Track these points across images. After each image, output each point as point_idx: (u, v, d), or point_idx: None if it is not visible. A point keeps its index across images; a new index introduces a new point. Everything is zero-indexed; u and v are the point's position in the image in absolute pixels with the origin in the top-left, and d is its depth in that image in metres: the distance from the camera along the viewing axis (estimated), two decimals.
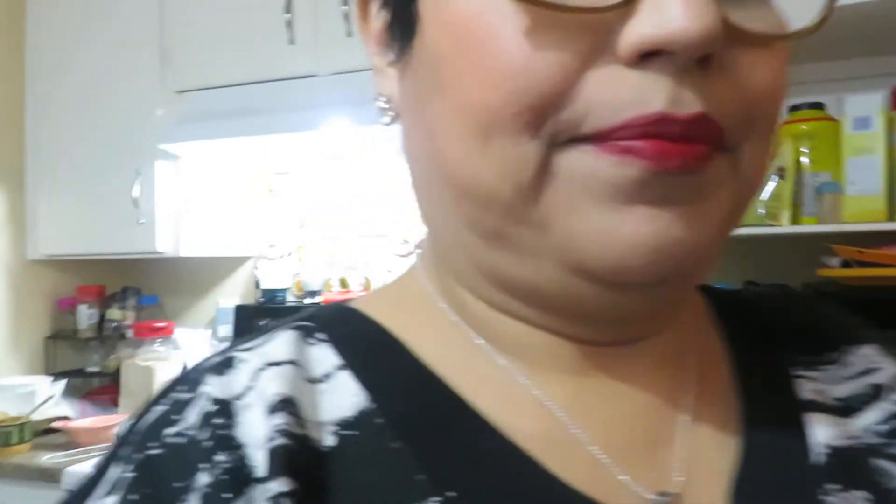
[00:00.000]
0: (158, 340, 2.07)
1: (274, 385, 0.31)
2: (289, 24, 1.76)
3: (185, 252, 1.99)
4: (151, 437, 0.31)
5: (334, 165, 2.16)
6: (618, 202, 0.28)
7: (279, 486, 0.28)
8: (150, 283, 2.39)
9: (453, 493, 0.29)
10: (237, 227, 2.22)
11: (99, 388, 2.23)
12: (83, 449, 1.73)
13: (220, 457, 0.29)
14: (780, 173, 1.45)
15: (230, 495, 0.28)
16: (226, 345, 0.37)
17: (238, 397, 0.31)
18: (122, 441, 0.32)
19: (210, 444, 0.30)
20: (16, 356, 2.12)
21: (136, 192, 1.94)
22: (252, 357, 0.33)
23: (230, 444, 0.30)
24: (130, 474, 0.30)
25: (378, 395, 0.32)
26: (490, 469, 0.31)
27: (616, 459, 0.32)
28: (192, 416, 0.31)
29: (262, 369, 0.33)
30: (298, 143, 1.97)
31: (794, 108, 1.46)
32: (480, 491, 0.30)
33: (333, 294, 2.10)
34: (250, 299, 2.28)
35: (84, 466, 1.59)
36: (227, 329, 2.20)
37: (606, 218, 0.28)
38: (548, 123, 0.27)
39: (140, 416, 0.33)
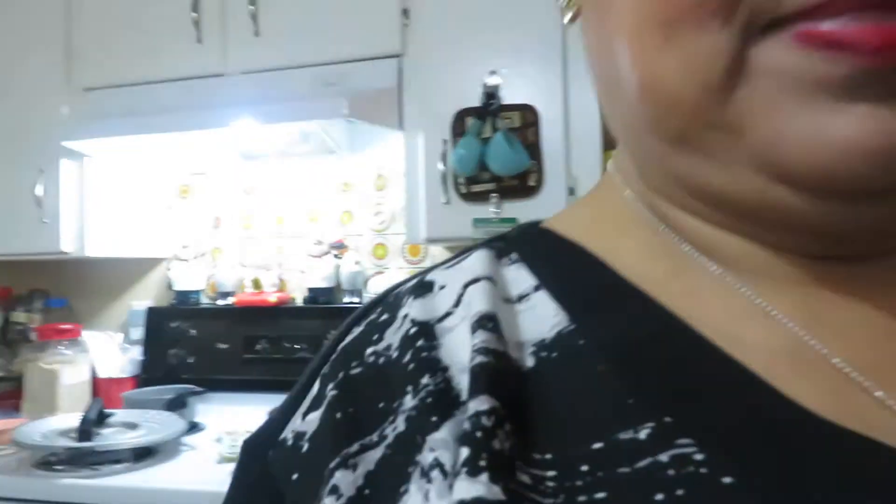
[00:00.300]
0: (65, 343, 2.02)
1: (476, 303, 0.30)
2: (196, 23, 1.76)
3: (90, 252, 1.95)
4: (353, 357, 0.31)
5: (248, 166, 2.15)
6: (829, 100, 0.24)
7: (480, 404, 0.26)
8: (58, 285, 2.33)
9: (670, 419, 0.26)
10: (149, 229, 2.19)
11: (6, 392, 2.16)
12: None
13: (424, 379, 0.28)
14: None
15: (436, 418, 0.27)
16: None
17: (440, 319, 0.30)
18: (324, 359, 0.32)
19: (413, 366, 0.29)
20: None
21: (39, 190, 1.90)
22: (449, 278, 0.32)
23: (434, 366, 0.29)
24: (333, 392, 0.30)
25: (578, 315, 0.30)
26: (710, 390, 0.27)
27: (867, 376, 0.27)
28: (393, 338, 0.30)
29: (461, 289, 0.31)
30: (209, 143, 1.96)
31: None
32: (700, 415, 0.26)
33: (246, 295, 2.09)
34: (164, 301, 2.25)
35: None
36: (139, 332, 2.17)
37: (815, 118, 0.24)
38: (741, 7, 0.24)
39: (339, 338, 0.33)
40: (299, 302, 2.11)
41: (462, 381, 0.28)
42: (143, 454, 1.61)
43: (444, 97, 1.67)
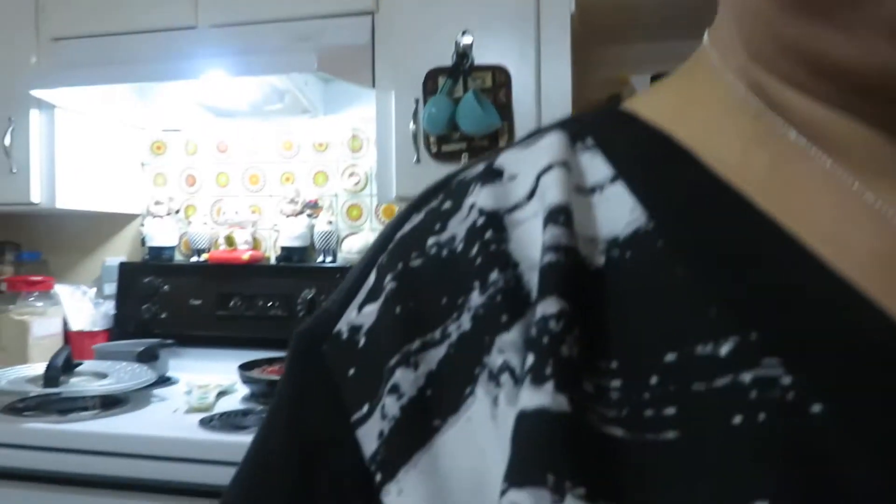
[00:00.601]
0: (35, 294, 2.03)
1: (550, 194, 0.27)
2: None
3: (61, 204, 1.95)
4: (413, 247, 0.28)
5: (222, 124, 2.15)
6: None
7: (549, 307, 0.25)
8: (32, 239, 2.32)
9: (756, 334, 0.23)
10: (122, 184, 2.19)
11: None
12: None
13: (493, 275, 0.26)
14: None
15: (506, 318, 0.25)
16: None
17: (510, 210, 0.28)
18: (380, 249, 0.30)
19: (480, 260, 0.26)
20: None
21: (7, 140, 1.89)
22: (521, 164, 0.29)
23: (504, 261, 0.26)
24: (391, 284, 0.28)
25: (659, 213, 0.26)
26: (804, 305, 0.24)
27: None
28: (458, 229, 0.28)
29: (535, 179, 0.28)
30: (180, 96, 1.96)
31: None
32: (791, 332, 0.23)
33: (220, 252, 2.10)
34: (137, 257, 2.25)
35: None
36: (112, 287, 2.17)
37: None
38: None
39: (396, 226, 0.30)
40: (273, 260, 2.13)
41: (533, 280, 0.26)
42: (112, 403, 1.63)
43: (416, 56, 1.67)
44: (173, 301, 2.09)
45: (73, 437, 1.46)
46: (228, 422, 1.50)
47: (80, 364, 1.74)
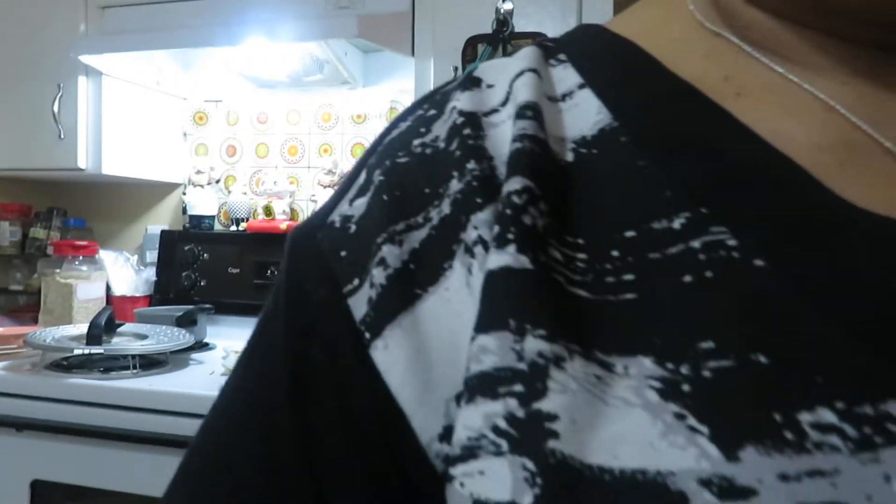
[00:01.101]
0: (80, 259, 2.08)
1: (521, 94, 0.30)
2: None
3: (107, 171, 1.99)
4: (399, 148, 0.31)
5: (263, 95, 2.17)
6: None
7: (514, 184, 0.27)
8: (78, 206, 2.39)
9: (706, 209, 0.26)
10: (165, 153, 2.22)
11: (25, 305, 2.24)
12: None
13: (470, 165, 0.29)
14: None
15: (480, 199, 0.28)
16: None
17: (487, 113, 0.30)
18: (370, 153, 0.33)
19: (459, 153, 0.29)
20: None
21: (56, 107, 1.93)
22: (497, 74, 0.32)
23: (480, 153, 0.29)
24: (380, 178, 0.30)
25: (623, 114, 0.29)
26: (751, 184, 0.26)
27: None
28: (440, 130, 0.31)
29: (508, 86, 0.31)
30: (221, 62, 1.98)
31: None
32: (738, 206, 0.26)
33: (258, 222, 2.13)
34: (178, 225, 2.29)
35: None
36: (153, 254, 2.22)
37: None
38: None
39: (385, 133, 0.33)
40: None
41: (503, 168, 0.28)
42: (152, 363, 1.66)
43: (455, 23, 1.66)
44: (212, 269, 2.13)
45: (115, 393, 1.50)
46: None
47: (122, 325, 1.78)
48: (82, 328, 1.72)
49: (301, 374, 0.29)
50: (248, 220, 2.16)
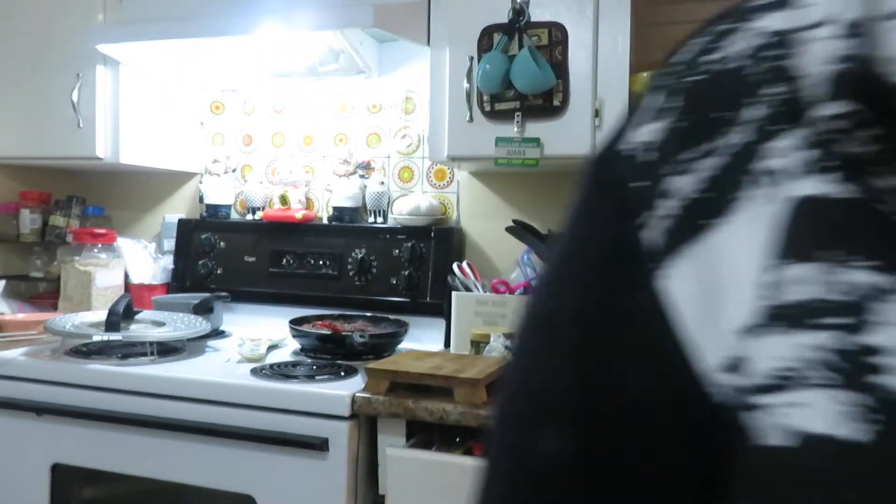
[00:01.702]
0: (98, 247, 2.11)
1: (845, 10, 0.27)
2: None
3: (124, 159, 2.01)
4: (693, 66, 0.30)
5: (279, 85, 2.18)
6: None
7: (839, 107, 0.25)
8: (97, 195, 2.42)
9: None
10: (182, 142, 2.24)
11: (44, 292, 2.27)
12: (12, 338, 1.78)
13: (774, 88, 0.27)
14: None
15: (785, 125, 0.26)
16: None
17: (798, 30, 0.28)
18: (660, 73, 0.32)
19: (762, 75, 0.28)
20: None
21: (75, 95, 1.95)
22: None
23: (786, 75, 0.27)
24: (670, 102, 0.30)
25: None
26: None
27: None
28: (739, 48, 0.29)
29: (828, 2, 0.28)
30: (238, 52, 1.99)
31: None
32: None
33: (274, 211, 2.14)
34: (195, 214, 2.31)
35: (9, 353, 1.64)
36: (171, 242, 2.24)
37: None
38: None
39: (679, 51, 0.32)
40: (325, 220, 2.16)
41: (818, 91, 0.26)
42: (169, 350, 1.69)
43: (471, 12, 1.65)
44: (228, 257, 2.15)
45: (132, 379, 1.52)
46: (278, 372, 1.53)
47: (139, 312, 1.81)
48: (101, 315, 1.74)
49: (591, 303, 0.30)
50: (263, 209, 2.18)
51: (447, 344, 1.78)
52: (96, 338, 1.66)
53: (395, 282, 1.96)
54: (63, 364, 1.59)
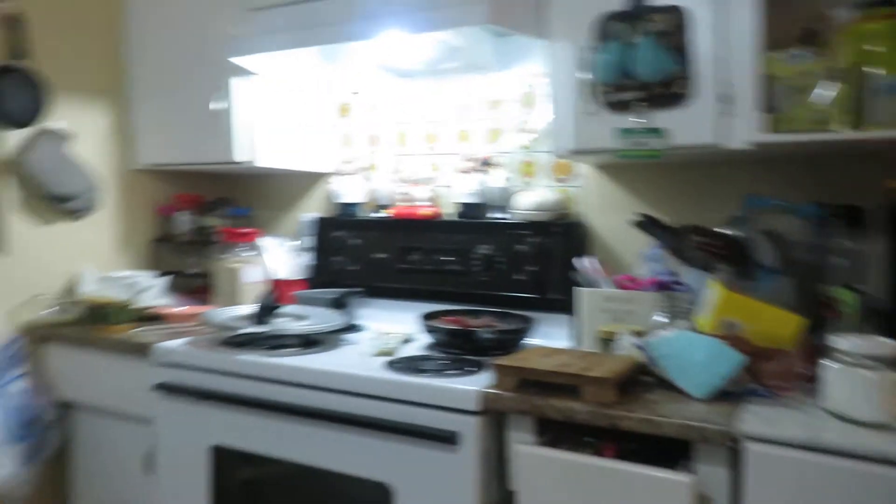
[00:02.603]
0: (245, 245, 2.28)
1: None
2: None
3: (261, 163, 2.16)
4: None
5: (401, 85, 2.25)
6: None
7: None
8: (242, 196, 2.61)
9: None
10: (314, 145, 2.37)
11: (199, 287, 2.48)
12: (174, 329, 1.98)
13: None
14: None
15: None
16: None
17: None
18: None
19: None
20: (126, 255, 2.40)
21: (217, 105, 2.12)
22: None
23: None
24: None
25: None
26: None
27: None
28: None
29: None
30: (365, 60, 2.07)
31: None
32: None
33: (401, 208, 2.22)
34: (329, 213, 2.44)
35: (173, 343, 1.82)
36: (308, 240, 2.38)
37: None
38: None
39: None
40: (450, 216, 2.21)
41: None
42: (310, 343, 1.81)
43: (587, 2, 1.63)
44: (361, 254, 2.25)
45: (278, 369, 1.64)
46: (411, 365, 1.60)
47: (283, 306, 1.94)
48: (249, 309, 1.89)
49: None
50: (391, 206, 2.26)
51: (574, 341, 1.78)
52: (246, 330, 1.80)
53: (519, 277, 1.98)
54: (218, 354, 1.74)
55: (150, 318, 2.11)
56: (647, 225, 1.73)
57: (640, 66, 1.55)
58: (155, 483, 1.86)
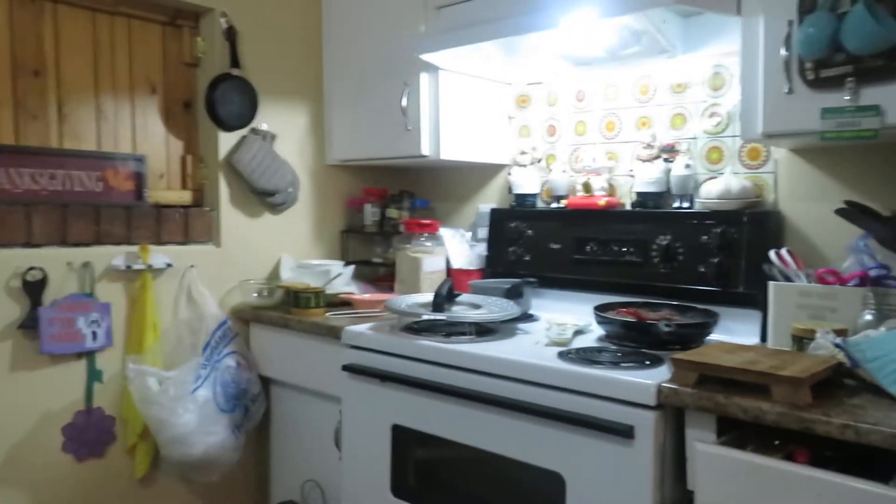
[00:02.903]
0: (425, 235, 2.37)
1: None
2: None
3: (444, 156, 2.24)
4: None
5: (580, 74, 2.21)
6: None
7: None
8: (422, 188, 2.72)
9: None
10: (493, 136, 2.41)
11: (383, 275, 2.63)
12: (360, 314, 2.11)
13: None
14: None
15: None
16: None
17: None
18: None
19: None
20: (318, 245, 2.60)
21: (404, 101, 2.22)
22: None
23: None
24: None
25: None
26: None
27: None
28: None
29: None
30: (543, 49, 2.06)
31: None
32: None
33: (577, 199, 2.19)
34: (505, 204, 2.47)
35: (359, 327, 1.94)
36: (484, 231, 2.43)
37: None
38: None
39: None
40: (628, 206, 2.14)
41: None
42: (485, 331, 1.84)
43: None
44: (535, 244, 2.25)
45: (455, 355, 1.69)
46: (584, 356, 1.58)
47: (459, 295, 2.00)
48: (428, 297, 1.96)
49: None
50: (567, 196, 2.24)
51: (763, 338, 1.65)
52: (425, 317, 1.88)
53: (703, 270, 1.88)
54: (399, 338, 1.83)
55: (339, 303, 2.27)
56: (854, 213, 1.56)
57: (850, 37, 1.40)
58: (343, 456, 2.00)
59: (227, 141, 2.32)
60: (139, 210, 2.17)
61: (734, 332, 1.75)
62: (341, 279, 2.35)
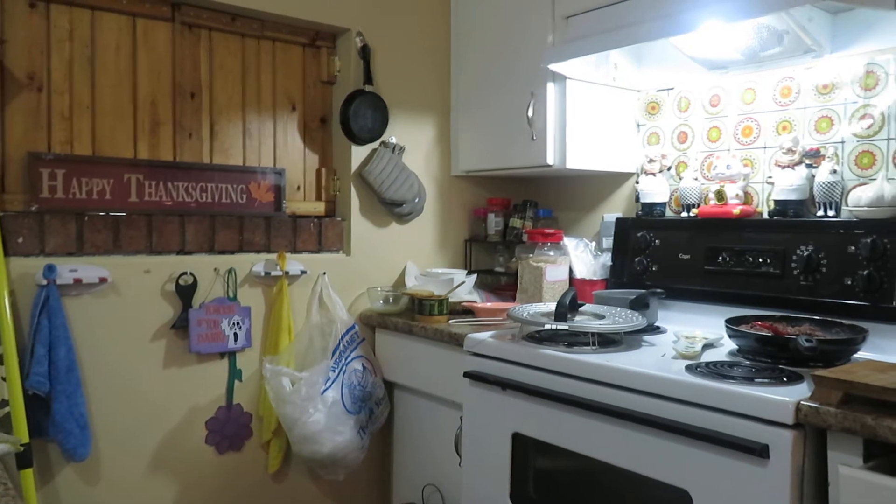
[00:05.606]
0: (548, 245, 2.36)
1: None
2: None
3: (571, 165, 2.22)
4: None
5: (713, 78, 2.12)
6: None
7: None
8: (546, 198, 2.71)
9: None
10: (620, 144, 2.36)
11: (505, 284, 2.64)
12: (482, 322, 2.13)
13: None
14: None
15: None
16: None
17: None
18: None
19: None
20: (442, 253, 2.65)
21: (530, 112, 2.22)
22: None
23: None
24: None
25: None
26: None
27: None
28: None
29: None
30: (674, 54, 2.00)
31: None
32: None
33: (709, 207, 2.09)
34: (631, 213, 2.41)
35: (481, 335, 1.96)
36: (609, 241, 2.38)
37: None
38: None
39: None
40: (765, 215, 2.03)
41: None
42: (608, 342, 1.80)
43: None
44: (663, 255, 2.18)
45: (577, 365, 1.67)
46: (714, 371, 1.50)
47: (582, 305, 1.97)
48: (550, 306, 1.95)
49: None
50: (698, 205, 2.15)
51: None
52: (547, 326, 1.86)
53: (849, 282, 1.74)
54: (521, 347, 1.83)
55: (462, 311, 2.30)
56: None
57: None
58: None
59: (358, 154, 2.43)
60: (278, 220, 2.31)
61: (885, 350, 1.61)
62: (464, 287, 2.38)
